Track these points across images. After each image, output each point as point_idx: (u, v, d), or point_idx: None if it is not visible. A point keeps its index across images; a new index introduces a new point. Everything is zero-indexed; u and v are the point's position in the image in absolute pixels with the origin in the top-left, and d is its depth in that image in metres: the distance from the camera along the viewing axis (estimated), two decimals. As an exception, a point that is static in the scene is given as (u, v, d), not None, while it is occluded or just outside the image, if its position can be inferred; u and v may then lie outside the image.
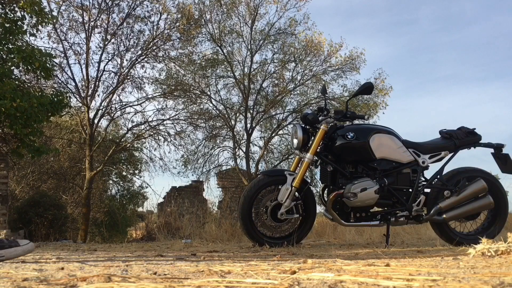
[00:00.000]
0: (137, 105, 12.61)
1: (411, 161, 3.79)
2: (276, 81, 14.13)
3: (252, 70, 13.58)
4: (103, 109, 12.07)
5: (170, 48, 12.54)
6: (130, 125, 12.88)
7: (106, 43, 11.76)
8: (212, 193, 28.67)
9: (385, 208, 3.75)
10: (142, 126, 12.99)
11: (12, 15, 7.12)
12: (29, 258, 2.50)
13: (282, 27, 13.70)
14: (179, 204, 11.88)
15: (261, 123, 14.27)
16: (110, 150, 12.60)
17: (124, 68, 12.16)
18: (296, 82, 13.89)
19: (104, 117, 12.41)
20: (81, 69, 11.80)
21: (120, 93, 12.50)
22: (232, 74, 13.66)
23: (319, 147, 3.74)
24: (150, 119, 12.91)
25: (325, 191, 3.86)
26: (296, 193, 3.72)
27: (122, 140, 12.98)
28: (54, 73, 8.89)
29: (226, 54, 13.50)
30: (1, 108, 6.05)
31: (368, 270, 1.54)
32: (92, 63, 11.81)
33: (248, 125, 13.66)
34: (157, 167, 13.76)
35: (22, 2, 6.85)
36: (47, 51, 7.79)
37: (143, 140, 13.48)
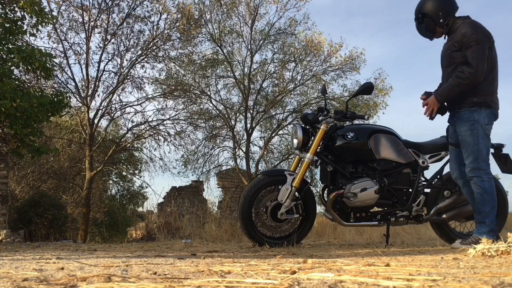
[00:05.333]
0: (137, 105, 12.62)
1: (411, 161, 3.79)
2: (276, 81, 14.14)
3: (252, 70, 13.58)
4: (103, 109, 12.07)
5: (170, 48, 12.54)
6: (130, 125, 12.88)
7: (106, 43, 11.76)
8: (212, 193, 28.65)
9: (385, 208, 3.75)
10: (142, 126, 12.99)
11: (12, 15, 7.12)
12: (29, 258, 2.50)
13: (282, 27, 13.70)
14: (179, 204, 11.87)
15: (261, 123, 14.27)
16: (110, 150, 12.59)
17: (124, 68, 12.16)
18: (296, 82, 13.88)
19: (104, 117, 12.42)
20: (81, 69, 11.82)
21: (120, 93, 12.51)
22: (232, 74, 13.65)
23: (319, 147, 3.74)
24: (150, 119, 12.91)
25: (325, 191, 3.86)
26: (296, 193, 3.72)
27: (122, 140, 12.97)
28: (54, 73, 8.87)
29: (226, 54, 13.50)
30: (1, 108, 6.05)
31: (368, 270, 1.54)
32: (92, 63, 11.82)
33: (248, 125, 13.66)
34: (157, 167, 13.77)
35: (22, 2, 6.84)
36: (47, 51, 7.79)
37: (143, 140, 13.47)
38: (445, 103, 3.39)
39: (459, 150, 3.35)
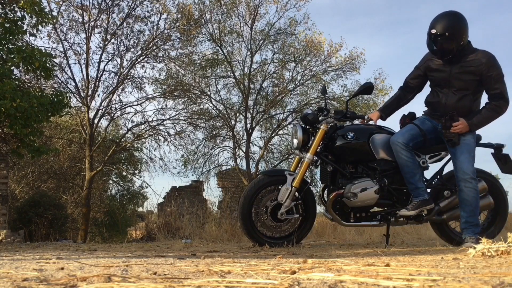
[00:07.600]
0: (137, 105, 12.63)
1: (411, 161, 3.78)
2: (276, 81, 14.14)
3: (252, 70, 13.59)
4: (103, 109, 12.09)
5: (170, 48, 12.55)
6: (130, 125, 12.90)
7: (106, 43, 11.76)
8: (212, 193, 28.66)
9: (385, 208, 3.75)
10: (142, 126, 13.00)
11: (12, 15, 7.12)
12: (29, 258, 2.50)
13: (282, 27, 13.72)
14: (179, 204, 11.89)
15: (261, 123, 14.28)
16: (110, 150, 12.60)
17: (124, 68, 12.17)
18: (296, 82, 13.89)
19: (104, 117, 12.43)
20: (81, 69, 11.83)
21: (120, 93, 12.52)
22: (232, 74, 13.66)
23: (319, 147, 3.74)
24: (150, 119, 12.93)
25: (325, 191, 3.86)
26: (296, 193, 3.71)
27: (122, 140, 12.97)
28: (54, 73, 8.87)
29: (226, 54, 13.50)
30: (1, 108, 6.04)
31: (368, 270, 1.54)
32: (92, 63, 11.83)
33: (248, 125, 13.67)
34: (157, 167, 13.78)
35: (22, 2, 6.84)
36: (47, 51, 7.79)
37: (143, 140, 13.49)
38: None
39: (419, 132, 3.55)
